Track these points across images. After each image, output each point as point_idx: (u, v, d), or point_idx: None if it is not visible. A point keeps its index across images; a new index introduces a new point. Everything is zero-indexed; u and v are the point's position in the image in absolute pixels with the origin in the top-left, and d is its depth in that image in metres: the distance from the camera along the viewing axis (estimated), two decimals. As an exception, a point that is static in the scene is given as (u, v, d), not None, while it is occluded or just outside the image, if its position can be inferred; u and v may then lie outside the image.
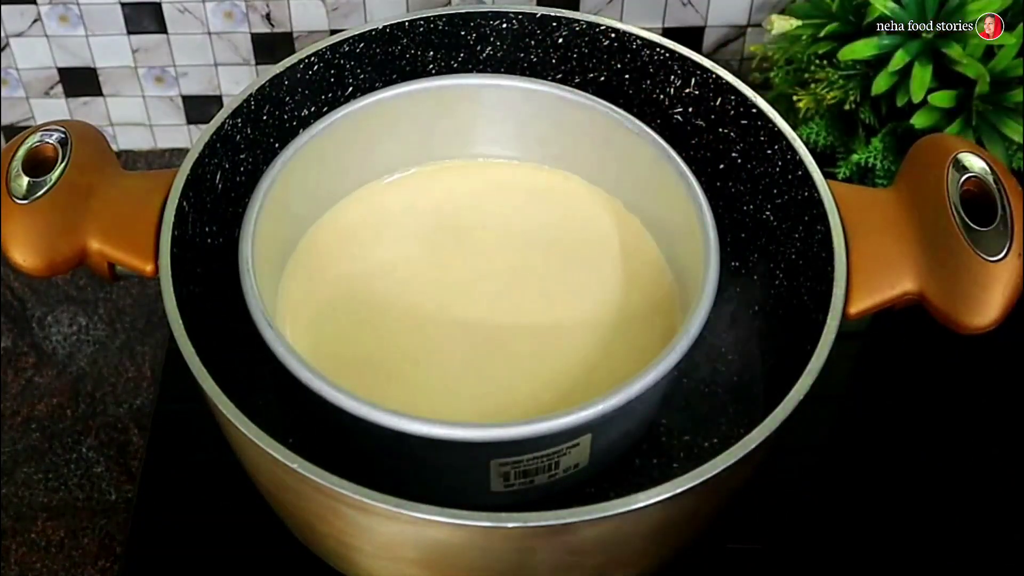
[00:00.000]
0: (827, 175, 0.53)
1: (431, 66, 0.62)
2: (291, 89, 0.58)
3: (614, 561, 0.48)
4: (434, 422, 0.44)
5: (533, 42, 0.61)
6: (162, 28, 0.74)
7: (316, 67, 0.59)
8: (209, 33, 0.75)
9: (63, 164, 0.51)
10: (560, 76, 0.62)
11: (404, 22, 0.60)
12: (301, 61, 0.58)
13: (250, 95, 0.56)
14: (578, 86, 0.60)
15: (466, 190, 0.60)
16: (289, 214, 0.56)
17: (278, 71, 0.57)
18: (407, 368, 0.53)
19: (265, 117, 0.58)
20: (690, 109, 0.59)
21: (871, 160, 0.66)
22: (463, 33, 0.61)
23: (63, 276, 0.72)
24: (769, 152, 0.56)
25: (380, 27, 0.59)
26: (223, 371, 0.46)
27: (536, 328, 0.54)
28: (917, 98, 0.63)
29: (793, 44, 0.69)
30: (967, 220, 0.48)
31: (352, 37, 0.59)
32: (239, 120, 0.56)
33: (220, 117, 0.55)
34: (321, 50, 0.58)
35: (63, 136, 0.52)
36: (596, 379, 0.52)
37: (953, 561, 0.59)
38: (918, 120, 0.64)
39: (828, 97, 0.66)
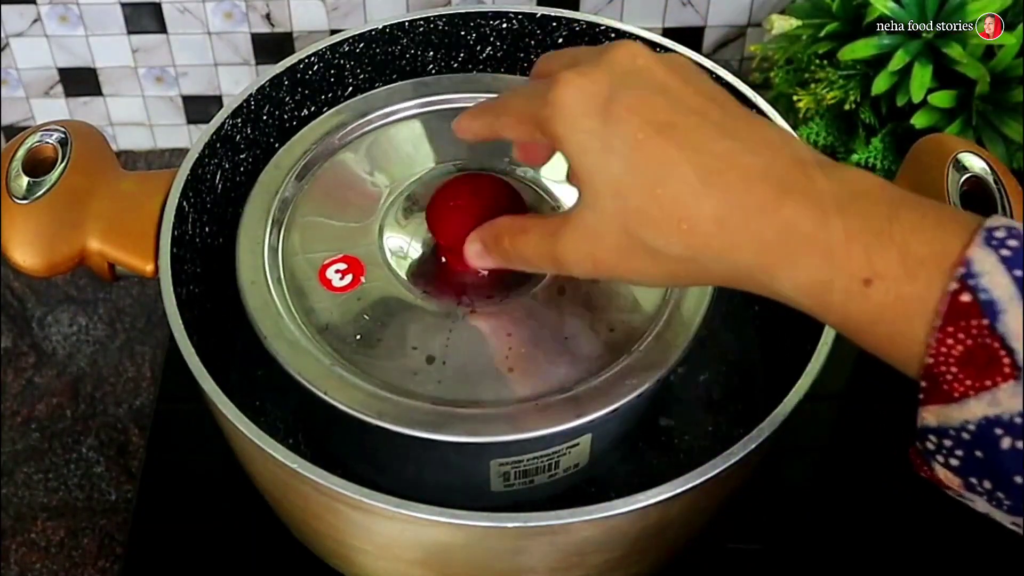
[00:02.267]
0: (827, 175, 0.53)
1: (431, 66, 0.62)
2: (291, 89, 0.58)
3: (614, 561, 0.48)
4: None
5: (533, 42, 0.61)
6: (162, 28, 0.74)
7: (316, 67, 0.59)
8: (209, 33, 0.75)
9: (63, 164, 0.51)
10: (560, 76, 0.62)
11: (404, 22, 0.60)
12: (301, 61, 0.58)
13: (250, 95, 0.56)
14: (578, 86, 0.60)
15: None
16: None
17: (278, 71, 0.57)
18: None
19: (265, 117, 0.58)
20: (690, 109, 0.59)
21: (871, 160, 0.66)
22: (463, 33, 0.61)
23: (63, 276, 0.72)
24: (769, 152, 0.56)
25: (380, 27, 0.59)
26: (223, 371, 0.46)
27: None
28: (917, 98, 0.63)
29: (793, 44, 0.69)
30: (967, 220, 0.48)
31: (352, 37, 0.59)
32: (239, 120, 0.56)
33: (220, 117, 0.55)
34: (321, 50, 0.58)
35: (63, 136, 0.52)
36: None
37: (953, 561, 0.59)
38: (918, 120, 0.64)
39: (828, 97, 0.66)
